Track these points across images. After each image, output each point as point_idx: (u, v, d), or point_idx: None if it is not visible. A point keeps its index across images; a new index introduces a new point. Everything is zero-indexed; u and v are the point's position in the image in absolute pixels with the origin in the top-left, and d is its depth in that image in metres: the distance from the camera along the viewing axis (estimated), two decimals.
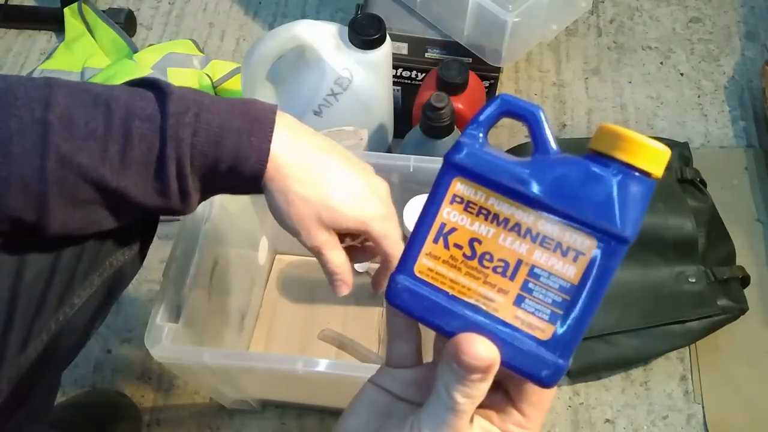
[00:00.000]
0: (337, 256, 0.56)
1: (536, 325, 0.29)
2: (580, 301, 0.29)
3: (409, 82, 1.07)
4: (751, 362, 0.95)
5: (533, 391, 0.31)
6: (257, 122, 0.50)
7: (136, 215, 0.52)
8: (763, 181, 1.11)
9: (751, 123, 1.18)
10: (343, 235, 0.57)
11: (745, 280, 0.98)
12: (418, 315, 0.31)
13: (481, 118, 0.31)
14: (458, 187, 0.30)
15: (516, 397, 0.32)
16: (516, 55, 1.02)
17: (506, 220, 0.29)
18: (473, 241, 0.30)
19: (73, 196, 0.46)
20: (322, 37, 0.86)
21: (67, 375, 0.94)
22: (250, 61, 0.87)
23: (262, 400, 0.91)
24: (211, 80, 1.18)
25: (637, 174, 0.28)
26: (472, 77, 0.97)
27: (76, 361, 0.93)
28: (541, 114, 0.30)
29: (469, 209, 0.30)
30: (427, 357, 0.36)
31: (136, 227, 0.59)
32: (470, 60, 1.02)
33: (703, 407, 0.92)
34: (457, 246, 0.30)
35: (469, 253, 0.30)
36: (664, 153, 0.28)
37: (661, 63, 1.27)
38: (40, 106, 0.44)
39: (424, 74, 1.05)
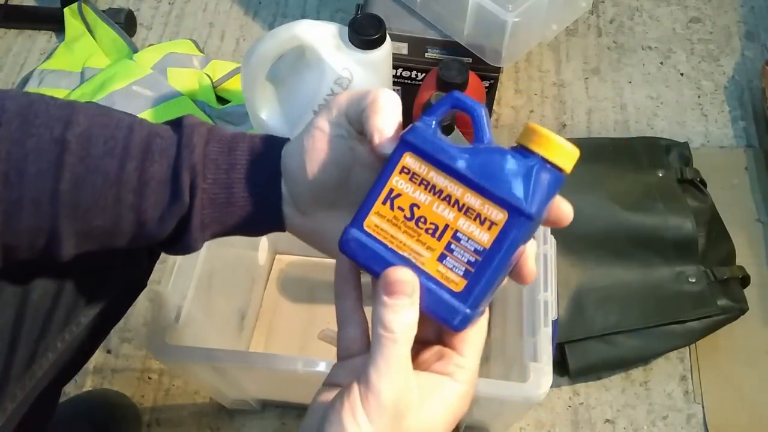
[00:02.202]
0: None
1: (452, 278, 0.36)
2: (489, 263, 0.35)
3: (409, 82, 1.07)
4: (751, 362, 0.95)
5: (469, 331, 0.37)
6: (270, 136, 0.47)
7: (150, 238, 0.48)
8: (763, 181, 1.11)
9: (751, 123, 1.18)
10: None
11: (745, 280, 0.98)
12: (361, 262, 0.37)
13: (435, 108, 0.38)
14: (407, 160, 0.36)
15: (450, 339, 0.38)
16: (516, 55, 1.02)
17: (440, 191, 0.36)
18: (413, 206, 0.36)
19: (86, 219, 0.44)
20: (322, 37, 0.86)
21: None
22: (250, 61, 0.87)
23: (262, 400, 0.91)
24: (211, 80, 1.18)
25: (548, 166, 0.35)
26: (472, 77, 0.97)
27: None
28: (482, 111, 0.37)
29: (413, 179, 0.36)
30: None
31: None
32: (470, 60, 1.02)
33: (703, 407, 0.92)
34: (400, 209, 0.37)
35: (408, 215, 0.36)
36: (574, 152, 0.36)
37: (661, 63, 1.27)
38: (59, 125, 0.43)
39: (424, 74, 1.05)
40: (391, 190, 0.36)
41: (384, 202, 0.37)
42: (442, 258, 0.36)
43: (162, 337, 0.67)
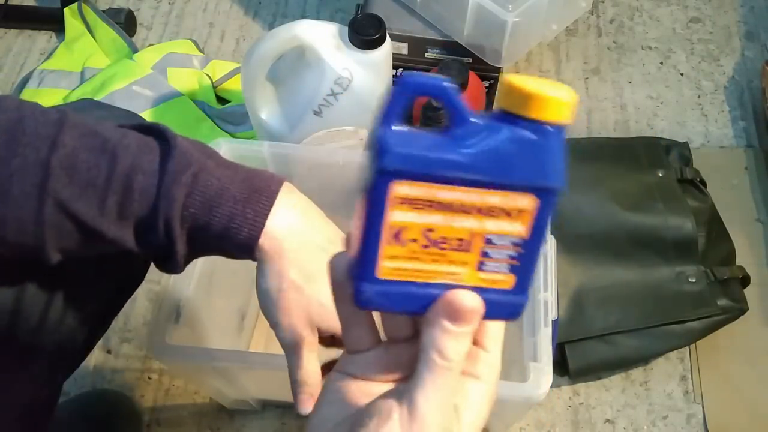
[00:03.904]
0: (313, 362, 0.51)
1: (500, 279, 0.32)
2: (532, 248, 0.32)
3: None
4: (751, 362, 0.95)
5: (490, 324, 0.34)
6: (257, 193, 0.47)
7: (134, 257, 0.50)
8: (763, 181, 1.11)
9: (751, 123, 1.18)
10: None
11: (745, 280, 0.98)
12: (394, 309, 0.33)
13: (392, 105, 0.29)
14: (398, 190, 0.30)
15: (478, 338, 0.35)
16: (516, 55, 1.02)
17: (451, 205, 0.30)
18: (427, 231, 0.31)
19: (71, 239, 0.45)
20: (322, 37, 0.86)
21: None
22: (250, 61, 0.87)
23: (262, 400, 0.91)
24: (211, 80, 1.18)
25: (550, 128, 0.30)
26: (472, 77, 0.97)
27: None
28: (450, 89, 0.30)
29: (414, 206, 0.30)
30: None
31: None
32: (470, 60, 1.02)
33: (703, 407, 0.92)
34: (413, 240, 0.31)
35: (425, 242, 0.31)
36: (569, 102, 0.30)
37: (661, 63, 1.27)
38: (45, 145, 0.43)
39: None
40: (392, 227, 0.31)
41: (390, 243, 0.31)
42: (480, 266, 0.32)
43: (162, 337, 0.67)
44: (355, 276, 0.32)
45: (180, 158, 0.45)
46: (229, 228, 0.46)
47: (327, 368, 0.53)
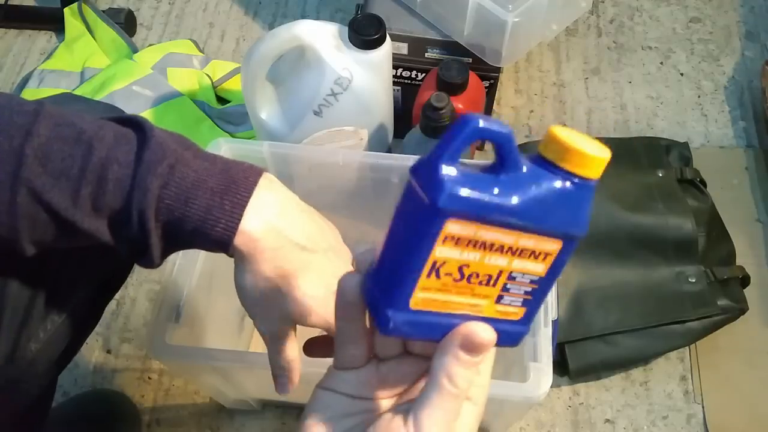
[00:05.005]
0: (292, 349, 0.51)
1: (512, 311, 0.35)
2: (546, 286, 0.35)
3: (409, 82, 1.07)
4: (751, 362, 0.95)
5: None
6: (234, 185, 0.46)
7: (110, 249, 0.49)
8: (763, 181, 1.11)
9: (751, 123, 1.18)
10: None
11: (745, 280, 0.98)
12: (417, 337, 0.34)
13: (455, 145, 0.30)
14: (451, 228, 0.31)
15: None
16: (516, 55, 1.02)
17: (491, 245, 0.32)
18: (462, 266, 0.32)
19: (45, 230, 0.45)
20: (322, 37, 0.86)
21: (67, 375, 0.94)
22: (250, 61, 0.87)
23: (262, 400, 0.91)
24: (211, 80, 1.18)
25: (585, 182, 0.32)
26: (472, 77, 0.97)
27: (76, 361, 0.94)
28: (511, 136, 0.31)
29: (459, 243, 0.32)
30: None
31: None
32: (470, 60, 1.02)
33: (703, 407, 0.92)
34: (448, 274, 0.32)
35: (457, 276, 0.33)
36: (605, 160, 0.32)
37: (661, 63, 1.27)
38: (20, 134, 0.43)
39: (424, 74, 1.05)
40: (435, 262, 0.32)
41: (428, 276, 0.32)
42: (499, 299, 0.34)
43: (162, 337, 0.67)
44: (383, 303, 0.32)
45: (156, 149, 0.45)
46: (205, 221, 0.45)
47: (309, 348, 0.53)
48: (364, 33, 0.86)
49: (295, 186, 0.53)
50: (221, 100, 1.19)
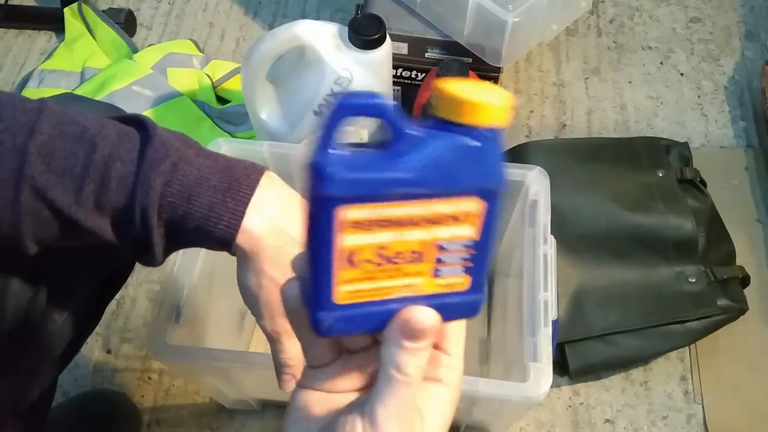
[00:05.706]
0: (295, 346, 0.51)
1: (456, 282, 0.32)
2: (484, 247, 0.32)
3: (409, 82, 1.07)
4: (751, 362, 0.95)
5: (450, 327, 0.34)
6: (237, 182, 0.46)
7: (113, 247, 0.49)
8: (763, 181, 1.11)
9: (751, 123, 1.18)
10: None
11: (745, 280, 0.98)
12: (355, 332, 0.33)
13: (328, 134, 0.29)
14: (343, 215, 0.29)
15: (438, 342, 0.34)
16: (516, 55, 1.02)
17: (400, 220, 0.30)
18: (379, 249, 0.30)
19: (48, 228, 0.45)
20: (322, 37, 0.86)
21: (67, 375, 0.94)
22: (250, 61, 0.87)
23: (262, 400, 0.91)
24: (211, 80, 1.18)
25: (486, 133, 0.30)
26: (472, 77, 0.97)
27: (76, 361, 0.94)
28: (385, 104, 0.29)
29: (363, 227, 0.30)
30: None
31: None
32: (470, 60, 1.02)
33: (703, 407, 0.92)
34: (367, 261, 0.31)
35: (379, 261, 0.31)
36: (503, 106, 0.30)
37: (661, 63, 1.27)
38: (23, 132, 0.43)
39: (424, 74, 1.05)
40: (345, 251, 0.30)
41: (344, 267, 0.30)
42: (436, 273, 0.32)
43: (162, 337, 0.67)
44: (311, 306, 0.31)
45: (159, 147, 0.45)
46: (208, 218, 0.46)
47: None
48: (364, 33, 0.86)
49: (295, 186, 0.53)
50: (221, 100, 1.19)
